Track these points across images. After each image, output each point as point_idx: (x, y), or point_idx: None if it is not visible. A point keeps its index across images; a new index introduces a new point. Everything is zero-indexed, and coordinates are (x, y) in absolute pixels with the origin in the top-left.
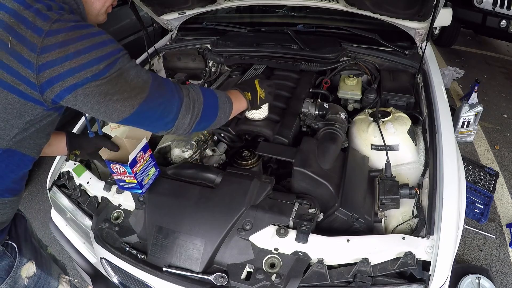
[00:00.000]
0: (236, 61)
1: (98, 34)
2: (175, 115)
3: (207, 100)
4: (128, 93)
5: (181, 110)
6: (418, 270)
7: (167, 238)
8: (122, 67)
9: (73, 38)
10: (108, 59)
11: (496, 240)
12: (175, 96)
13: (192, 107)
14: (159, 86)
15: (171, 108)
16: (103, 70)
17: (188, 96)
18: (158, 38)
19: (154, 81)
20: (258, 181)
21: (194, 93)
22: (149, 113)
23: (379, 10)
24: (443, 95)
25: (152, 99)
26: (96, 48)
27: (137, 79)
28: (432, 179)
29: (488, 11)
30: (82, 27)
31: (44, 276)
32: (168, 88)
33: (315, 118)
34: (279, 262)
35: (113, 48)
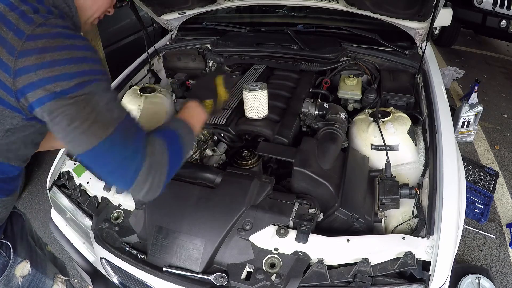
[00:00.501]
0: (236, 61)
1: (82, 49)
2: (133, 173)
3: (172, 152)
4: (89, 124)
5: (141, 172)
6: (418, 270)
7: (167, 238)
8: (94, 92)
9: (53, 46)
10: (82, 77)
11: (496, 240)
12: (137, 155)
13: (154, 172)
14: (128, 132)
15: (131, 164)
16: (72, 88)
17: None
18: (158, 38)
19: (125, 123)
20: (258, 181)
21: (159, 153)
22: (104, 159)
23: (379, 10)
24: (443, 95)
25: (113, 142)
26: (74, 62)
27: (106, 112)
28: (432, 179)
29: (488, 11)
30: (67, 36)
31: (38, 276)
32: (136, 141)
33: (315, 118)
34: (279, 262)
35: (92, 68)
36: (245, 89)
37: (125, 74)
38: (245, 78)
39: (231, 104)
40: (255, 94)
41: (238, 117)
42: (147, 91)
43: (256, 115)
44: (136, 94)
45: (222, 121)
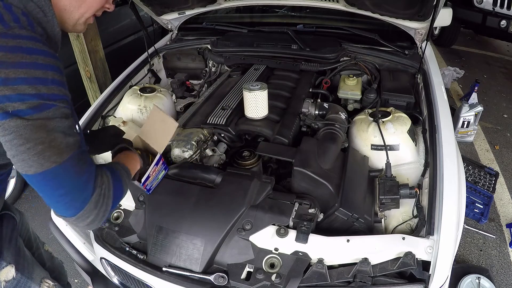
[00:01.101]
0: (236, 61)
1: (43, 67)
2: (81, 203)
3: (116, 188)
4: (44, 148)
5: (89, 203)
6: (418, 270)
7: (167, 238)
8: (51, 117)
9: (9, 62)
10: (38, 100)
11: (496, 240)
12: (88, 185)
13: (101, 204)
14: (80, 162)
15: (80, 193)
16: (26, 110)
17: (101, 187)
18: (158, 38)
19: (78, 154)
20: (258, 181)
21: (107, 186)
22: (54, 185)
23: (379, 10)
24: (443, 95)
25: (65, 170)
26: (30, 83)
27: (61, 139)
28: (432, 179)
29: (488, 11)
30: (29, 51)
31: (24, 280)
32: (88, 171)
33: (315, 118)
34: (279, 262)
35: (51, 91)
36: (245, 89)
37: (125, 74)
38: (245, 78)
39: (231, 104)
40: (255, 94)
41: (238, 117)
42: (147, 91)
43: (256, 115)
44: (136, 94)
45: (222, 121)
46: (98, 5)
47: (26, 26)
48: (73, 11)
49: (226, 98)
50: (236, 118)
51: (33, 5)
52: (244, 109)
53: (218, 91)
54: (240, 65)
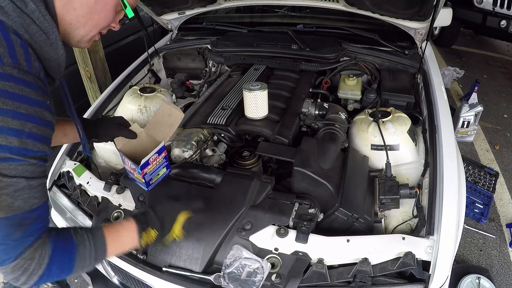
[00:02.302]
0: (236, 61)
1: (24, 118)
2: (1, 262)
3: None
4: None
5: (5, 268)
6: (418, 270)
7: None
8: (8, 174)
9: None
10: (4, 152)
11: (496, 240)
12: (10, 253)
13: (21, 272)
14: (16, 227)
15: (2, 252)
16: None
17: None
18: (158, 38)
19: (21, 218)
20: (258, 181)
21: (38, 257)
22: None
23: (379, 10)
24: (443, 95)
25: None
26: (3, 132)
27: (6, 197)
28: (432, 179)
29: (488, 11)
30: (12, 97)
31: None
32: (19, 240)
33: (315, 118)
34: (279, 262)
35: (23, 146)
36: (245, 89)
37: (125, 74)
38: (245, 78)
39: (231, 104)
40: (255, 94)
41: (238, 117)
42: (147, 91)
43: (256, 115)
44: (136, 94)
45: (222, 121)
46: (105, 23)
47: (21, 63)
48: (79, 27)
49: (226, 98)
50: (236, 118)
51: (36, 28)
52: (244, 109)
53: (218, 91)
54: (240, 65)
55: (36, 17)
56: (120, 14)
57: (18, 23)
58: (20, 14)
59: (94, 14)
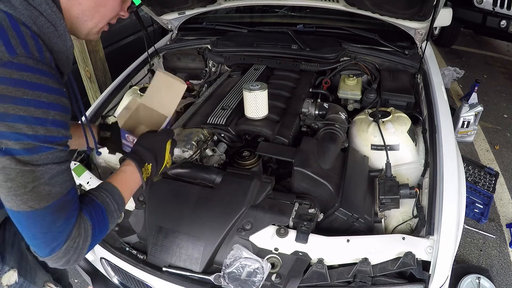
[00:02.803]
0: (236, 61)
1: (46, 106)
2: (51, 250)
3: (96, 232)
4: (24, 192)
5: (58, 251)
6: (418, 270)
7: (167, 238)
8: (42, 162)
9: (10, 96)
10: (33, 141)
11: (496, 240)
12: (60, 236)
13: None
14: (61, 211)
15: (51, 241)
16: (18, 150)
17: (75, 239)
18: (158, 38)
19: (62, 201)
20: (258, 181)
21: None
22: (29, 226)
23: (379, 10)
24: (443, 95)
25: (40, 216)
26: (29, 122)
27: (46, 186)
28: (432, 179)
29: (488, 11)
30: (31, 87)
31: (26, 285)
32: (64, 222)
33: (315, 118)
34: (279, 262)
35: (49, 133)
36: (245, 89)
37: (125, 74)
38: (245, 78)
39: (231, 104)
40: (255, 94)
41: (238, 117)
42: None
43: (256, 115)
44: (136, 94)
45: (222, 121)
46: (112, 14)
47: (34, 53)
48: (86, 20)
49: (226, 98)
50: (236, 118)
51: (44, 20)
52: (244, 109)
53: (218, 91)
54: (240, 65)
55: (44, 9)
56: (127, 1)
57: (26, 16)
58: (27, 6)
59: (100, 7)
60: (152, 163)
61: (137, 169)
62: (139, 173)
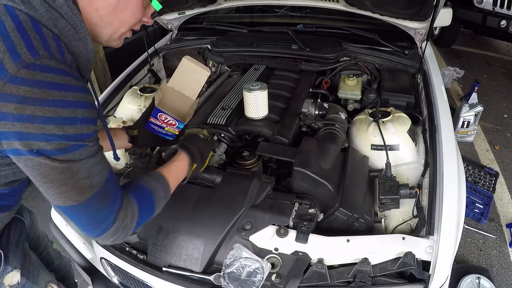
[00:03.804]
0: (236, 61)
1: (72, 105)
2: (101, 231)
3: (142, 214)
4: (65, 189)
5: (108, 231)
6: (418, 270)
7: (167, 238)
8: (76, 159)
9: (36, 98)
10: (64, 141)
11: (496, 240)
12: (108, 218)
13: (120, 232)
14: (104, 197)
15: (100, 224)
16: (51, 151)
17: (122, 220)
18: (158, 38)
19: (103, 188)
20: (258, 181)
21: (130, 218)
22: (77, 217)
23: (379, 10)
24: (443, 95)
25: (86, 207)
26: (57, 123)
27: (86, 179)
28: (432, 179)
29: (488, 11)
30: (57, 87)
31: (28, 285)
32: (110, 206)
33: (315, 118)
34: (279, 262)
35: (79, 131)
36: (245, 89)
37: (125, 74)
38: (245, 78)
39: (231, 104)
40: (255, 94)
41: (238, 117)
42: (147, 91)
43: (256, 115)
44: (136, 94)
45: (222, 121)
46: (133, 20)
47: (55, 54)
48: (104, 26)
49: (226, 98)
50: (236, 118)
51: (64, 22)
52: (244, 109)
53: (218, 91)
54: (240, 65)
55: (65, 11)
56: (150, 8)
57: (46, 18)
58: (48, 8)
59: (119, 12)
60: (198, 164)
61: (188, 164)
62: (188, 168)
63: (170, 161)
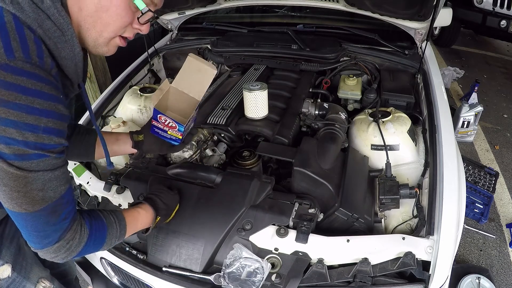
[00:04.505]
0: (236, 61)
1: (38, 113)
2: (43, 245)
3: (90, 243)
4: (17, 196)
5: (50, 248)
6: (418, 270)
7: (167, 238)
8: (32, 169)
9: (2, 100)
10: (23, 147)
11: (496, 240)
12: (53, 235)
13: (63, 251)
14: (55, 213)
15: (44, 238)
16: (9, 155)
17: (68, 241)
18: (158, 38)
19: (56, 204)
20: (258, 181)
21: (78, 237)
22: (24, 224)
23: (379, 10)
24: (443, 95)
25: (34, 218)
26: (19, 127)
27: (38, 192)
28: (432, 179)
29: (488, 11)
30: (25, 92)
31: (19, 279)
32: (58, 224)
33: (315, 118)
34: (279, 262)
35: (40, 141)
36: (245, 89)
37: (125, 74)
38: (245, 78)
39: (231, 104)
40: (255, 94)
41: (238, 117)
42: (147, 91)
43: (256, 115)
44: (136, 94)
45: (222, 121)
46: (119, 23)
47: (33, 57)
48: (89, 28)
49: (226, 98)
50: (236, 118)
51: (50, 24)
52: (244, 109)
53: (218, 91)
54: (240, 65)
55: (52, 13)
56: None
57: (32, 18)
58: (35, 9)
59: (102, 13)
60: (162, 217)
61: (151, 218)
62: (151, 220)
63: (135, 208)
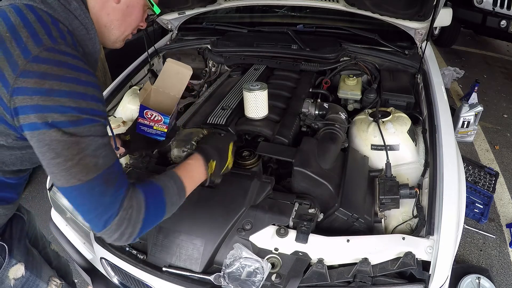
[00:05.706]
0: (236, 61)
1: (84, 84)
2: (104, 222)
3: (150, 210)
4: (72, 165)
5: (113, 223)
6: (418, 270)
7: (167, 238)
8: (86, 133)
9: (55, 74)
10: (77, 113)
11: (496, 240)
12: (111, 207)
13: (125, 226)
14: (109, 181)
15: (104, 212)
16: (64, 122)
17: (127, 210)
18: (158, 38)
19: (109, 172)
20: (258, 181)
21: (136, 210)
22: (80, 200)
23: (379, 10)
24: (443, 95)
25: (89, 189)
26: (72, 96)
27: (92, 158)
28: (432, 179)
29: (488, 11)
30: (72, 68)
31: (32, 278)
32: (113, 193)
33: (315, 118)
34: (279, 262)
35: (90, 106)
36: (245, 89)
37: (125, 74)
38: (245, 78)
39: (231, 104)
40: (255, 94)
41: (238, 117)
42: None
43: (256, 115)
44: (136, 94)
45: (222, 121)
46: (136, 23)
47: (70, 45)
48: (113, 28)
49: (226, 98)
50: (236, 118)
51: (78, 23)
52: (244, 109)
53: (218, 91)
54: (240, 65)
55: (78, 14)
56: (145, 12)
57: (63, 17)
58: (64, 9)
59: (127, 17)
60: (217, 160)
61: (203, 163)
62: (205, 167)
63: (185, 161)
